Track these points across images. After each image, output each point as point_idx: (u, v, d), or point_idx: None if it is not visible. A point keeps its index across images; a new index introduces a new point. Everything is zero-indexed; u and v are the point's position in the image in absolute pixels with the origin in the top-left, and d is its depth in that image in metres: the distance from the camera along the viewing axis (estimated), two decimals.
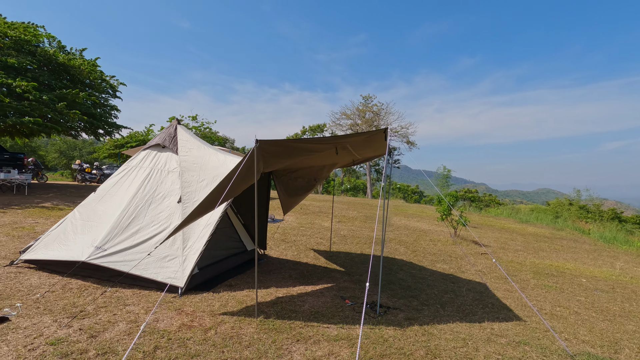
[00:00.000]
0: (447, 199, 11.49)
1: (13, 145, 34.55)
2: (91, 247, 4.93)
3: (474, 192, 42.29)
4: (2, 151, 16.81)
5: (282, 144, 4.01)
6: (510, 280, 6.20)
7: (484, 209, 30.45)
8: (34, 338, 3.16)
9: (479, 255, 9.22)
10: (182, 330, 3.55)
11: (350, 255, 7.91)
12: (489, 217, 21.47)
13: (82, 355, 2.97)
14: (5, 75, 11.45)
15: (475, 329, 4.23)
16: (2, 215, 8.63)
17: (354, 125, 41.67)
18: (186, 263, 4.78)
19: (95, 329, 3.44)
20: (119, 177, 5.75)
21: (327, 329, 3.88)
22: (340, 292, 5.30)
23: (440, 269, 7.36)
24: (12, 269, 4.97)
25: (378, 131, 4.42)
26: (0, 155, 16.16)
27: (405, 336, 3.84)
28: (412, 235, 11.42)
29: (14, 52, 12.08)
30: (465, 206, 30.14)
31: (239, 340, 3.46)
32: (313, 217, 13.25)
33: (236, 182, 3.92)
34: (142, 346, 3.20)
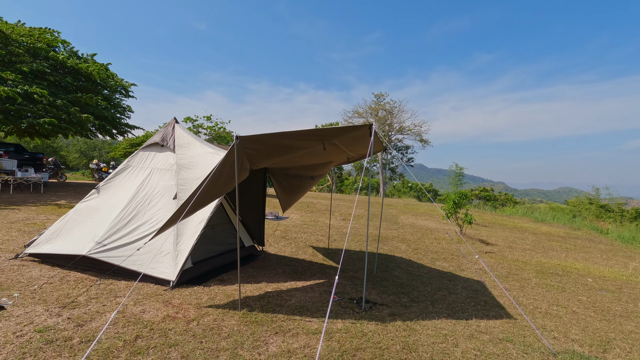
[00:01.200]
0: (453, 197, 11.32)
1: (36, 146, 36.01)
2: (92, 242, 5.13)
3: (489, 190, 41.40)
4: (23, 151, 17.57)
5: (263, 140, 4.07)
6: (493, 276, 6.09)
7: (498, 207, 29.81)
8: (24, 325, 3.34)
9: (483, 254, 9.07)
10: (166, 321, 3.67)
11: (348, 252, 7.93)
12: (503, 216, 21.02)
13: (66, 342, 3.12)
14: (23, 80, 11.96)
15: (459, 326, 4.19)
16: (17, 212, 9.04)
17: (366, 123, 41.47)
18: (178, 258, 4.92)
19: (83, 318, 3.60)
20: (121, 176, 5.94)
21: (309, 323, 3.93)
22: (331, 287, 5.33)
23: (439, 267, 7.29)
24: (17, 262, 5.23)
25: (363, 126, 4.43)
26: (21, 155, 16.90)
27: (386, 331, 3.85)
28: (416, 233, 11.33)
29: (29, 58, 12.62)
30: (480, 205, 29.60)
31: (218, 331, 3.55)
32: (318, 215, 13.30)
33: (219, 179, 4.01)
34: (124, 335, 3.33)
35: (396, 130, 41.85)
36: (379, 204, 21.53)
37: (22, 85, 11.62)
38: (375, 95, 41.44)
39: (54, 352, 2.95)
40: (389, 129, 41.58)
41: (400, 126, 41.50)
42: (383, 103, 40.94)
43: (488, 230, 13.71)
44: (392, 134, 42.36)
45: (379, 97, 41.24)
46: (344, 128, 4.31)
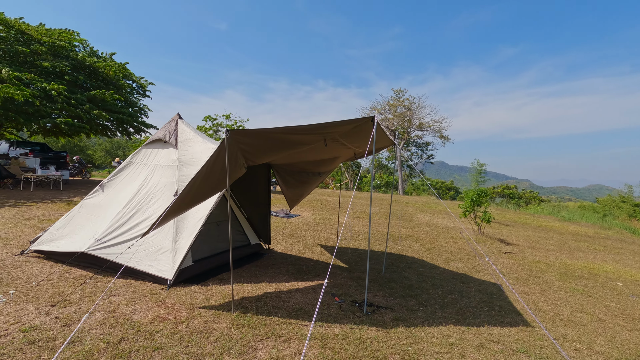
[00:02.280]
0: (471, 194, 10.80)
1: (64, 145, 37.42)
2: (92, 239, 5.10)
3: (513, 188, 39.89)
4: (48, 150, 18.19)
5: (257, 134, 3.86)
6: (504, 278, 5.67)
7: (522, 206, 28.62)
8: (10, 324, 3.27)
9: (502, 255, 8.58)
10: (154, 323, 3.53)
11: (358, 251, 7.65)
12: (526, 215, 20.11)
13: (49, 343, 3.02)
14: (42, 79, 12.27)
15: (469, 334, 3.86)
16: (34, 209, 9.26)
17: (384, 120, 40.79)
18: (177, 256, 4.80)
19: (71, 317, 3.51)
20: (124, 173, 5.89)
21: (305, 327, 3.70)
22: (334, 288, 5.09)
23: (453, 268, 6.91)
24: (21, 258, 5.26)
25: (366, 119, 4.15)
26: (45, 153, 17.49)
27: (387, 338, 3.57)
28: (432, 232, 10.89)
29: (50, 57, 12.95)
30: (502, 203, 28.53)
31: (207, 335, 3.38)
32: (331, 213, 13.05)
33: (211, 176, 3.83)
34: (108, 336, 3.21)
35: (416, 126, 40.99)
36: (397, 202, 21.05)
37: (39, 84, 11.91)
38: (394, 92, 40.73)
39: (34, 353, 2.85)
40: (408, 125, 40.78)
41: (419, 122, 40.61)
42: (402, 99, 40.15)
43: (509, 229, 13.07)
44: (411, 130, 41.52)
45: (398, 93, 40.48)
46: (342, 121, 4.04)
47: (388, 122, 40.87)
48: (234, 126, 34.39)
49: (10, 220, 7.79)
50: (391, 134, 41.22)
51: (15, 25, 13.03)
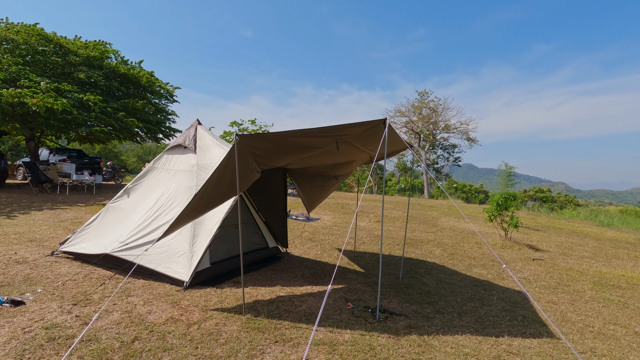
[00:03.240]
0: (497, 197, 10.38)
1: (100, 151, 39.41)
2: (116, 241, 5.31)
3: (546, 191, 38.08)
4: (84, 156, 19.23)
5: (267, 139, 3.90)
6: (519, 283, 5.36)
7: (556, 210, 27.23)
8: (35, 321, 3.45)
9: (530, 261, 8.18)
10: (168, 324, 3.62)
11: (376, 256, 7.53)
12: (560, 220, 19.11)
13: (67, 341, 3.16)
14: (79, 89, 13.01)
15: (486, 344, 3.69)
16: (68, 211, 9.78)
17: (408, 122, 40.20)
18: (193, 259, 4.91)
19: (91, 316, 3.66)
20: (147, 178, 6.09)
21: (315, 332, 3.67)
22: (348, 294, 5.02)
23: (475, 275, 6.65)
24: (51, 258, 5.56)
25: (377, 122, 4.09)
26: (81, 159, 18.50)
27: (398, 346, 3.48)
28: (456, 237, 10.56)
29: (84, 68, 13.73)
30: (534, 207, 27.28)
31: (217, 337, 3.42)
32: (351, 216, 12.95)
33: (223, 180, 3.89)
34: (123, 336, 3.31)
35: (441, 128, 40.08)
36: (421, 206, 20.60)
37: (77, 94, 12.64)
38: (419, 93, 40.05)
39: (52, 350, 2.99)
40: (433, 127, 39.94)
41: (445, 124, 39.67)
42: (427, 101, 39.40)
43: (540, 234, 12.46)
44: (437, 132, 40.65)
45: (422, 94, 39.78)
46: (353, 124, 4.00)
47: (413, 124, 40.22)
48: (259, 131, 35.03)
49: (46, 223, 8.26)
50: (416, 136, 40.51)
51: (54, 39, 13.91)
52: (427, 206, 20.77)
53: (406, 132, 41.93)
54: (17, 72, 11.91)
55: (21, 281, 4.54)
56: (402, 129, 41.80)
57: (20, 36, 13.30)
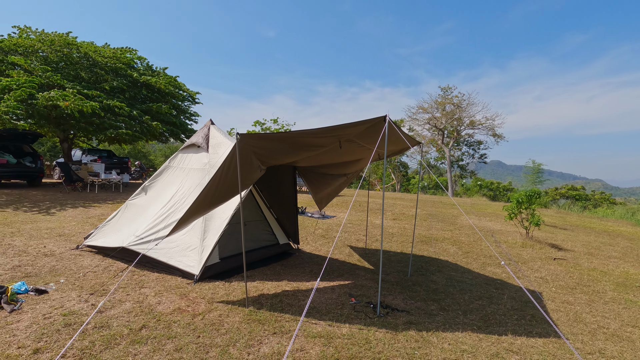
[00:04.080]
0: (517, 195, 10.04)
1: (130, 152, 41.16)
2: (133, 235, 5.61)
3: (580, 189, 36.28)
4: (113, 156, 20.21)
5: (268, 138, 4.01)
6: (521, 286, 5.18)
7: (589, 208, 25.92)
8: (54, 309, 3.74)
9: (550, 261, 7.89)
10: (174, 314, 3.81)
11: (387, 253, 7.52)
12: (592, 218, 18.23)
13: (83, 326, 3.41)
14: (105, 96, 13.74)
15: (486, 342, 3.64)
16: (96, 209, 10.36)
17: (431, 119, 39.40)
18: (203, 253, 5.11)
19: (106, 305, 3.91)
20: (163, 176, 6.38)
21: (314, 325, 3.76)
22: (354, 289, 5.07)
23: (489, 273, 6.52)
24: (76, 251, 5.94)
25: (378, 119, 4.11)
26: (110, 159, 19.45)
27: (394, 341, 3.50)
28: (474, 235, 10.33)
29: (111, 77, 14.51)
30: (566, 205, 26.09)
31: (219, 327, 3.57)
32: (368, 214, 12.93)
33: (226, 178, 4.04)
34: (132, 324, 3.53)
35: (466, 124, 39.02)
36: (442, 204, 20.22)
37: (105, 100, 13.34)
38: (442, 89, 39.12)
39: (68, 334, 3.24)
40: (457, 123, 38.95)
41: (470, 120, 38.59)
42: (450, 96, 38.45)
43: (566, 233, 11.96)
44: (461, 128, 39.62)
45: (445, 90, 38.86)
46: (354, 123, 4.03)
47: (436, 120, 39.39)
48: (282, 130, 35.42)
49: (75, 219, 8.80)
50: (439, 133, 39.66)
51: (83, 48, 14.72)
52: (449, 204, 20.35)
53: (429, 129, 41.15)
54: (49, 77, 12.69)
55: (47, 272, 4.90)
56: (425, 125, 41.06)
57: (54, 46, 14.16)
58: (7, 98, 11.15)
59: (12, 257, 5.40)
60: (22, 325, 3.36)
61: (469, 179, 43.81)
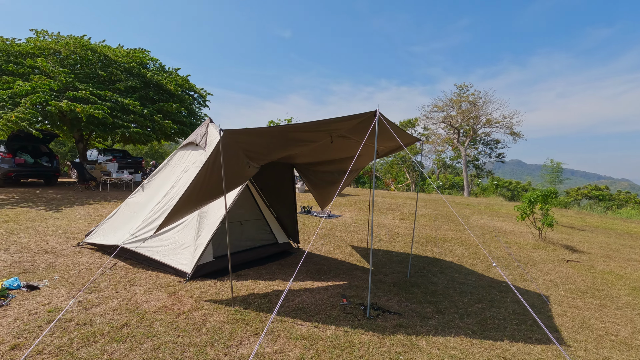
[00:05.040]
0: (529, 195, 9.64)
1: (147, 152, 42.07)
2: (128, 233, 5.64)
3: (603, 189, 34.82)
4: (127, 156, 20.65)
5: (253, 133, 3.92)
6: (514, 291, 4.89)
7: (612, 209, 24.81)
8: (42, 305, 3.76)
9: (563, 263, 7.53)
10: (159, 312, 3.78)
11: (389, 254, 7.33)
12: (615, 219, 17.41)
13: (65, 324, 3.41)
14: (118, 95, 14.03)
15: (480, 348, 3.44)
16: (106, 207, 10.55)
17: (447, 117, 38.65)
18: (196, 252, 5.08)
19: (92, 302, 3.92)
20: (161, 174, 6.42)
21: (298, 327, 3.65)
22: (348, 290, 4.93)
23: (494, 275, 6.25)
24: (76, 248, 6.02)
25: (368, 114, 3.96)
26: (125, 159, 19.88)
27: (380, 344, 3.35)
28: (484, 236, 9.99)
29: (124, 76, 14.82)
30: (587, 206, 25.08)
31: (200, 327, 3.51)
32: (375, 214, 12.72)
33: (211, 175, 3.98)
34: (115, 321, 3.51)
35: (483, 123, 38.09)
36: (456, 204, 19.75)
37: (118, 98, 13.64)
38: (458, 87, 38.30)
39: (48, 331, 3.24)
40: (474, 122, 38.06)
41: (487, 118, 37.64)
42: (466, 94, 37.61)
43: (584, 235, 11.43)
44: (478, 127, 38.70)
45: (461, 88, 38.03)
46: (343, 117, 3.90)
47: (451, 119, 38.60)
48: None
49: (84, 217, 8.97)
50: (455, 131, 38.86)
51: (99, 49, 15.07)
52: (463, 204, 19.87)
53: (444, 128, 40.38)
54: (65, 80, 13.04)
55: (44, 268, 4.97)
56: (440, 124, 40.32)
57: (69, 48, 14.56)
58: (24, 102, 11.50)
59: (14, 254, 5.51)
60: (6, 320, 3.39)
61: (486, 179, 42.75)
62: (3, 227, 7.16)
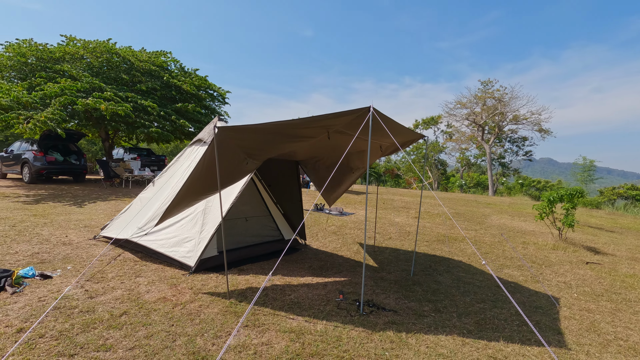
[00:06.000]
0: (549, 194, 9.25)
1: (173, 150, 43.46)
2: (136, 227, 5.89)
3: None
4: (151, 154, 21.42)
5: (247, 130, 3.98)
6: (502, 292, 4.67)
7: None
8: (51, 293, 4.00)
9: (582, 265, 7.19)
10: (157, 303, 3.93)
11: (396, 252, 7.25)
12: None
13: (70, 310, 3.61)
14: (139, 97, 14.61)
15: (471, 347, 3.37)
16: (126, 203, 11.00)
17: (470, 114, 37.59)
18: (200, 246, 5.23)
19: (98, 291, 4.12)
20: (170, 170, 6.64)
21: (290, 320, 3.69)
22: (347, 286, 4.94)
23: (504, 276, 6.07)
24: (92, 241, 6.34)
25: (364, 110, 3.95)
26: (148, 157, 20.64)
27: (368, 340, 3.35)
28: (499, 236, 9.68)
29: (144, 78, 15.42)
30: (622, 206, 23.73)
31: (194, 317, 3.62)
32: (390, 212, 12.59)
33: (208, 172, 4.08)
34: (115, 310, 3.68)
35: (509, 120, 36.77)
36: (477, 203, 19.23)
37: (139, 100, 14.20)
38: (482, 83, 37.13)
39: (53, 317, 3.44)
40: (500, 118, 36.81)
41: (514, 115, 36.30)
42: (491, 90, 36.41)
43: (612, 236, 10.86)
44: (504, 124, 37.40)
45: (486, 84, 36.85)
46: (337, 113, 3.90)
47: (475, 116, 37.51)
48: None
49: (105, 212, 9.41)
50: (479, 129, 37.73)
51: (122, 53, 15.73)
52: (484, 203, 19.32)
53: (468, 125, 39.30)
54: (91, 81, 13.72)
55: (60, 259, 5.27)
56: (463, 121, 39.28)
57: (96, 53, 15.31)
58: (53, 103, 12.19)
59: (35, 245, 5.87)
60: (17, 306, 3.63)
61: (512, 178, 41.28)
62: (30, 221, 7.63)
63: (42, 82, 13.14)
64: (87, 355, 2.87)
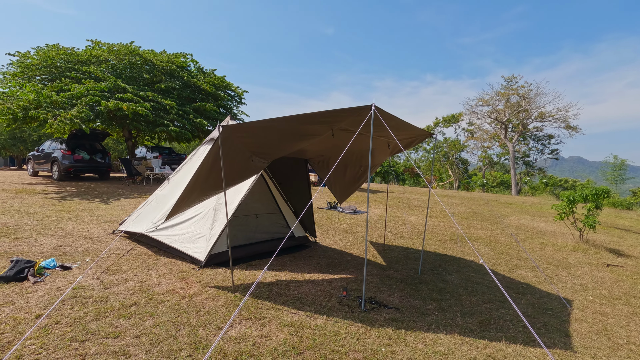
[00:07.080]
0: (568, 194, 8.92)
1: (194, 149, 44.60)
2: (151, 222, 6.13)
3: None
4: (172, 153, 22.07)
5: (252, 128, 4.09)
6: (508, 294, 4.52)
7: None
8: (69, 283, 4.24)
9: (602, 267, 6.93)
10: (166, 294, 4.10)
11: (407, 250, 7.21)
12: None
13: (85, 300, 3.83)
14: (159, 96, 15.11)
15: (470, 346, 3.34)
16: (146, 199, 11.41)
17: (492, 112, 36.59)
18: (210, 241, 5.40)
19: (112, 283, 4.34)
20: (184, 168, 6.86)
21: (291, 315, 3.78)
22: (352, 283, 4.98)
23: (517, 276, 5.94)
24: (111, 235, 6.64)
25: (364, 108, 3.98)
26: (170, 156, 21.27)
27: (365, 336, 3.38)
28: (518, 236, 9.44)
29: (164, 77, 15.92)
30: None
31: (199, 309, 3.76)
32: (404, 211, 12.48)
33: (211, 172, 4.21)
34: (126, 300, 3.88)
35: (534, 117, 35.55)
36: (498, 202, 18.75)
37: (159, 99, 14.70)
38: (505, 79, 36.06)
39: (69, 305, 3.66)
40: (524, 116, 35.64)
41: (539, 112, 35.07)
42: (515, 87, 35.30)
43: (638, 238, 10.36)
44: (528, 121, 36.20)
45: (509, 80, 35.77)
46: (339, 110, 3.95)
47: (498, 113, 36.48)
48: None
49: (125, 208, 9.81)
50: (502, 127, 36.68)
51: (144, 55, 16.31)
52: (505, 203, 18.81)
53: (490, 123, 38.27)
54: (115, 82, 14.31)
55: (80, 252, 5.57)
56: (485, 119, 38.29)
57: (119, 56, 15.96)
58: (79, 103, 12.80)
59: (58, 238, 6.22)
60: (37, 294, 3.88)
61: (537, 177, 39.89)
62: (56, 216, 8.07)
63: (69, 83, 13.81)
64: (97, 341, 3.05)
